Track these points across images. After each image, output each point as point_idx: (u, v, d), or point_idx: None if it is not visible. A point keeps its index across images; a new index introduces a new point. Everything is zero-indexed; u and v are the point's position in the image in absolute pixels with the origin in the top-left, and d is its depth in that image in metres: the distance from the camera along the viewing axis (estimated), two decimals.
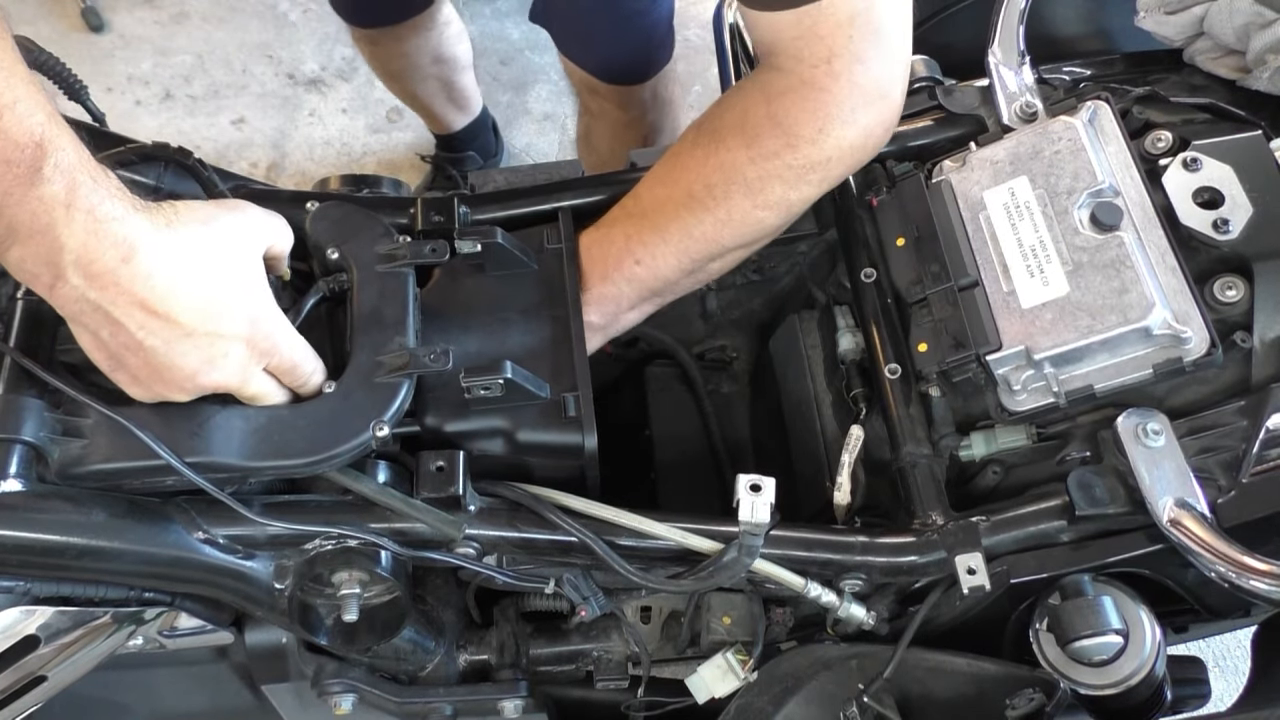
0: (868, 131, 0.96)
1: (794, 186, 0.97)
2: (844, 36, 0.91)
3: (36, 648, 0.84)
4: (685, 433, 1.25)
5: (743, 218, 0.98)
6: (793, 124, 0.94)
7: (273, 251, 0.83)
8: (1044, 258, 0.95)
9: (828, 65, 0.92)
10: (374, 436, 0.81)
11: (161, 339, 0.73)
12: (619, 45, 1.65)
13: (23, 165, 0.65)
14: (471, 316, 0.95)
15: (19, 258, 0.68)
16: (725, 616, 0.97)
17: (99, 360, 0.76)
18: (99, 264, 0.69)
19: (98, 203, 0.68)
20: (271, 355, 0.79)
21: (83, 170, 0.68)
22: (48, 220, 0.67)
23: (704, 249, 0.99)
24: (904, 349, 1.01)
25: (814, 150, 0.94)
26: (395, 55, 2.00)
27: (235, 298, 0.76)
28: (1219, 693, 1.59)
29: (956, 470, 0.99)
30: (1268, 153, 0.96)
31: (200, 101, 2.61)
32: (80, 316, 0.72)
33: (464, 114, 2.29)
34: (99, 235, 0.68)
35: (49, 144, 0.66)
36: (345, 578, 0.87)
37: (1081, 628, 0.86)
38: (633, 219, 1.00)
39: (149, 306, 0.71)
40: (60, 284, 0.69)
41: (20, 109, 0.65)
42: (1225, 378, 0.91)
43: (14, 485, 0.75)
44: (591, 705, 1.08)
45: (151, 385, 0.76)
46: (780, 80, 0.95)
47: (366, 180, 1.09)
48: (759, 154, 0.95)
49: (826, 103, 0.93)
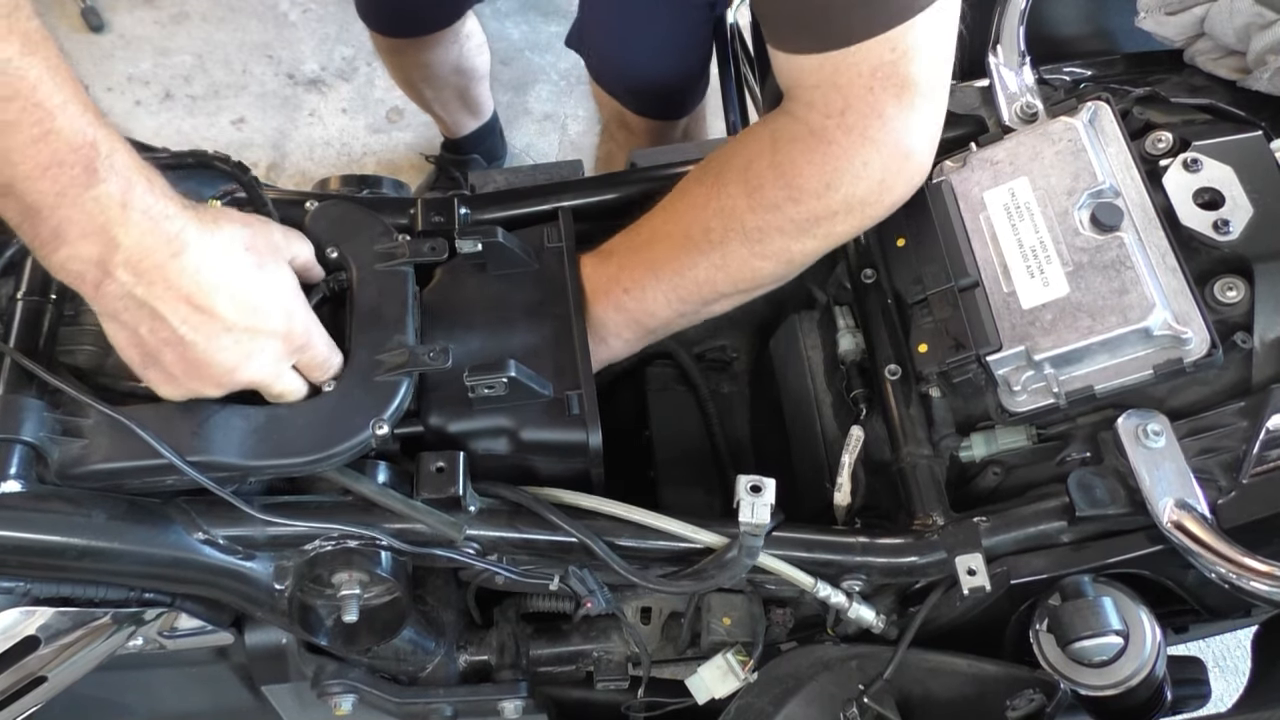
0: (882, 188, 0.92)
1: (796, 239, 0.93)
2: (863, 88, 0.86)
3: (36, 648, 0.84)
4: (685, 433, 1.24)
5: (739, 265, 0.94)
6: (796, 176, 0.90)
7: (297, 262, 0.85)
8: (1044, 258, 0.95)
9: (840, 118, 0.88)
10: (374, 435, 0.81)
11: (203, 334, 0.74)
12: (655, 78, 1.60)
13: (78, 166, 0.66)
14: (473, 315, 0.95)
15: (66, 257, 0.69)
16: (725, 617, 0.97)
17: (132, 357, 0.76)
18: (149, 260, 0.70)
19: (152, 202, 0.70)
20: (305, 351, 0.81)
21: (136, 170, 0.69)
22: (103, 220, 0.68)
23: (697, 291, 0.96)
24: (904, 350, 1.01)
25: (818, 204, 0.91)
26: (417, 65, 2.00)
27: (274, 295, 0.78)
28: (1219, 693, 1.59)
29: (957, 471, 0.99)
30: (1268, 153, 0.96)
31: (200, 101, 2.61)
32: (121, 313, 0.73)
33: (475, 119, 2.30)
34: (153, 233, 0.70)
35: (102, 144, 0.67)
36: (345, 578, 0.87)
37: (1082, 628, 0.86)
38: (630, 250, 0.98)
39: (194, 301, 0.73)
40: (108, 282, 0.71)
41: (71, 110, 0.66)
42: (1225, 378, 0.91)
43: (14, 485, 0.75)
44: (591, 706, 1.08)
45: (185, 381, 0.77)
46: (790, 127, 0.91)
47: (366, 180, 1.09)
48: (759, 204, 0.92)
49: (835, 156, 0.89)
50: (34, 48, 0.64)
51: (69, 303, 0.87)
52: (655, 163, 1.06)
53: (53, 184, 0.66)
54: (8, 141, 0.64)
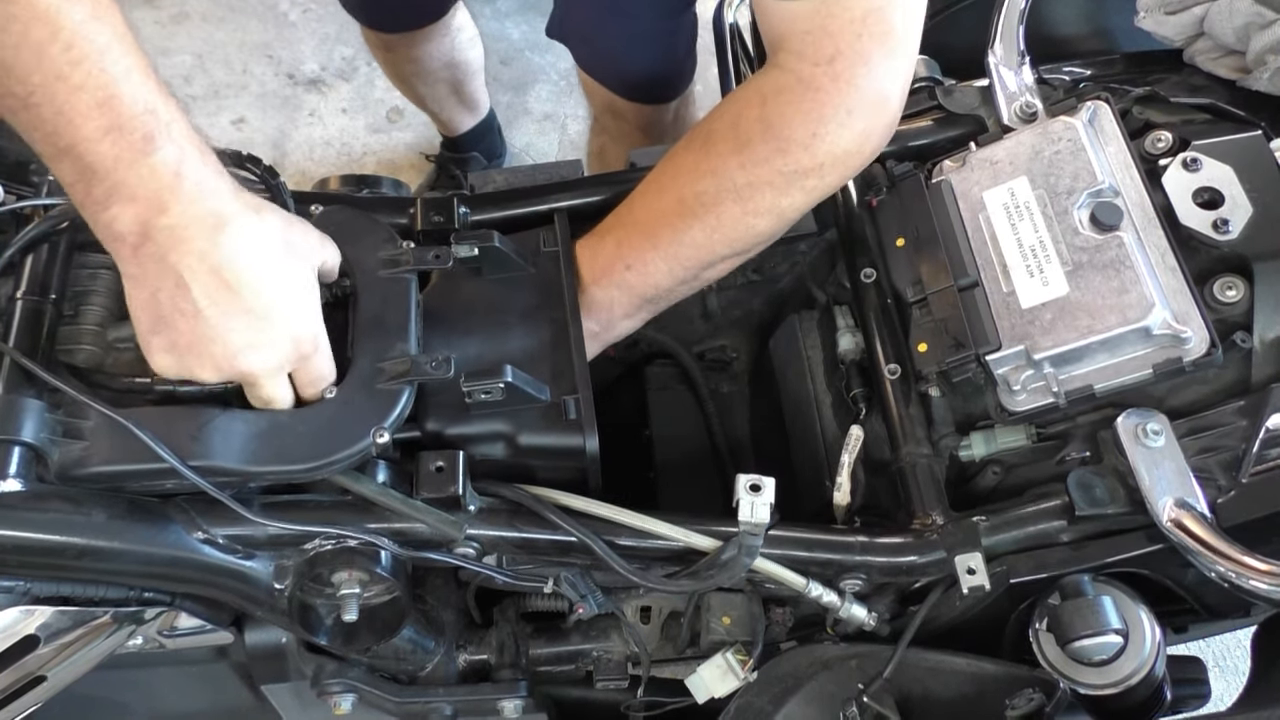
0: (864, 137, 0.94)
1: (785, 193, 0.95)
2: (853, 34, 0.89)
3: (36, 648, 0.84)
4: (685, 432, 1.25)
5: (733, 225, 0.96)
6: (785, 127, 0.92)
7: (324, 268, 0.86)
8: (1044, 258, 0.95)
9: (829, 65, 0.90)
10: (374, 443, 0.81)
11: (221, 309, 0.74)
12: (642, 62, 1.60)
13: (138, 133, 0.68)
14: (471, 320, 0.95)
15: (113, 217, 0.71)
16: (725, 616, 0.97)
17: (141, 319, 0.76)
18: (192, 229, 0.72)
19: (205, 175, 0.72)
20: (307, 360, 0.81)
21: (191, 142, 0.71)
22: (156, 186, 0.70)
23: (695, 256, 0.98)
24: (904, 349, 1.01)
25: (806, 156, 0.92)
26: (408, 59, 2.00)
27: (297, 294, 0.79)
28: (1219, 693, 1.59)
29: (956, 470, 0.99)
30: (1268, 153, 0.96)
31: (200, 101, 2.61)
32: (146, 276, 0.74)
33: (472, 116, 2.29)
34: (201, 204, 0.72)
35: (162, 113, 0.69)
36: (345, 578, 0.87)
37: (1081, 628, 0.86)
38: (625, 226, 1.00)
39: (222, 276, 0.73)
40: (146, 244, 0.72)
41: (135, 77, 0.68)
42: (1225, 378, 0.91)
43: (14, 485, 0.75)
44: (591, 705, 1.08)
45: (186, 355, 0.76)
46: (778, 79, 0.93)
47: (366, 180, 1.09)
48: (749, 159, 0.93)
49: (822, 104, 0.91)
50: (103, 13, 0.66)
51: (68, 303, 0.87)
52: (654, 162, 1.06)
53: (112, 147, 0.68)
54: (73, 103, 0.66)
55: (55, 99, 0.65)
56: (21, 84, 0.65)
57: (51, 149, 0.68)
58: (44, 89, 0.65)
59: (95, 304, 0.88)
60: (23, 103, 0.66)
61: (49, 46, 0.64)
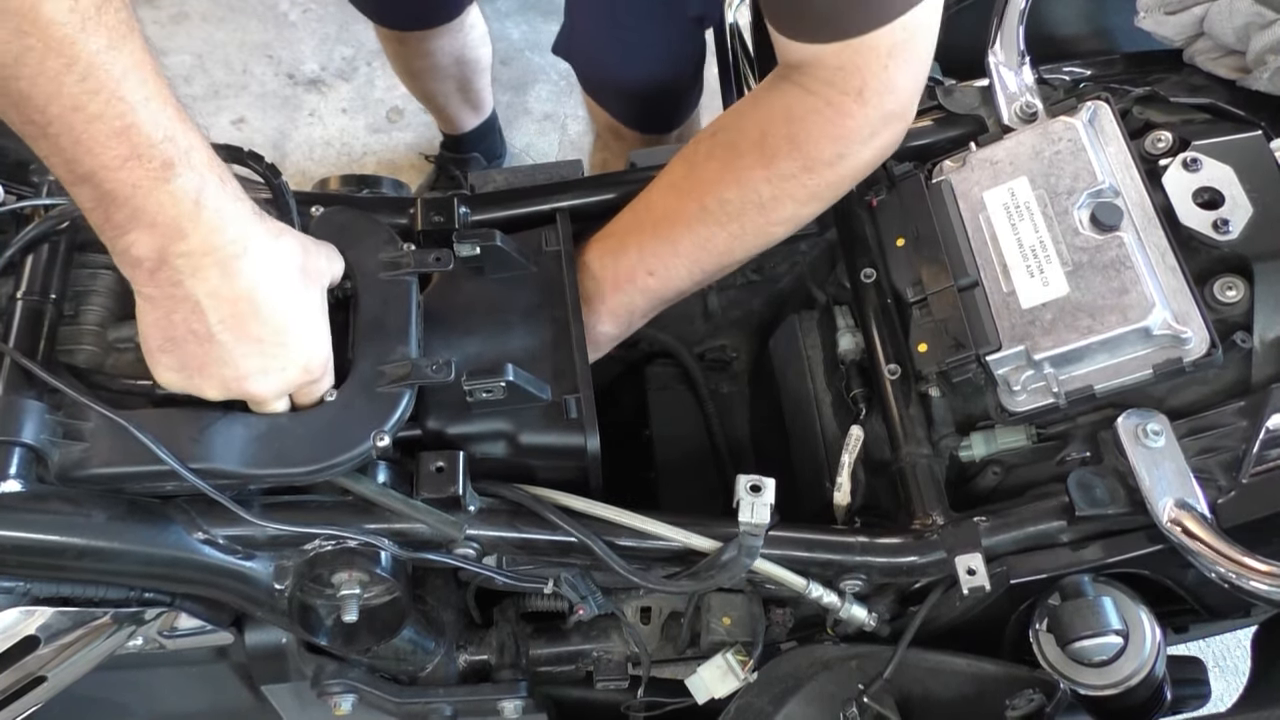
0: (884, 150, 0.98)
1: (805, 205, 0.98)
2: (880, 67, 0.90)
3: (36, 648, 0.84)
4: (685, 432, 1.25)
5: (755, 233, 0.99)
6: (813, 148, 0.94)
7: (331, 281, 0.86)
8: (1044, 258, 0.95)
9: (858, 95, 0.91)
10: (374, 446, 0.81)
11: (235, 336, 0.75)
12: (645, 90, 1.60)
13: (156, 160, 0.68)
14: (472, 319, 0.95)
15: (131, 243, 0.71)
16: (725, 617, 0.97)
17: (150, 336, 0.76)
18: (211, 257, 0.72)
19: (224, 202, 0.72)
20: (316, 385, 0.82)
21: (211, 168, 0.71)
22: (175, 213, 0.70)
23: (716, 261, 1.00)
24: (904, 349, 1.01)
25: (830, 173, 0.95)
26: (419, 55, 2.01)
27: (309, 322, 0.79)
28: (1219, 693, 1.59)
29: (956, 470, 0.99)
30: (1268, 153, 0.96)
31: (200, 101, 2.61)
32: (161, 299, 0.74)
33: (476, 115, 2.29)
34: (220, 232, 0.72)
35: (181, 140, 0.69)
36: (345, 578, 0.87)
37: (1081, 628, 0.86)
38: (645, 230, 1.00)
39: (238, 305, 0.74)
40: (164, 269, 0.72)
41: (154, 105, 0.67)
42: (1225, 378, 0.91)
43: (14, 485, 0.75)
44: (591, 705, 1.08)
45: (194, 375, 0.77)
46: (805, 101, 0.94)
47: (366, 180, 1.09)
48: (776, 174, 0.95)
49: (850, 129, 0.93)
50: (120, 41, 0.65)
51: (69, 303, 0.87)
52: (654, 163, 1.06)
53: (130, 175, 0.67)
54: (91, 132, 0.65)
55: (73, 128, 0.65)
56: (40, 113, 0.64)
57: (70, 175, 0.68)
58: (62, 119, 0.64)
59: (95, 304, 0.88)
60: (41, 131, 0.65)
61: (65, 76, 0.63)
